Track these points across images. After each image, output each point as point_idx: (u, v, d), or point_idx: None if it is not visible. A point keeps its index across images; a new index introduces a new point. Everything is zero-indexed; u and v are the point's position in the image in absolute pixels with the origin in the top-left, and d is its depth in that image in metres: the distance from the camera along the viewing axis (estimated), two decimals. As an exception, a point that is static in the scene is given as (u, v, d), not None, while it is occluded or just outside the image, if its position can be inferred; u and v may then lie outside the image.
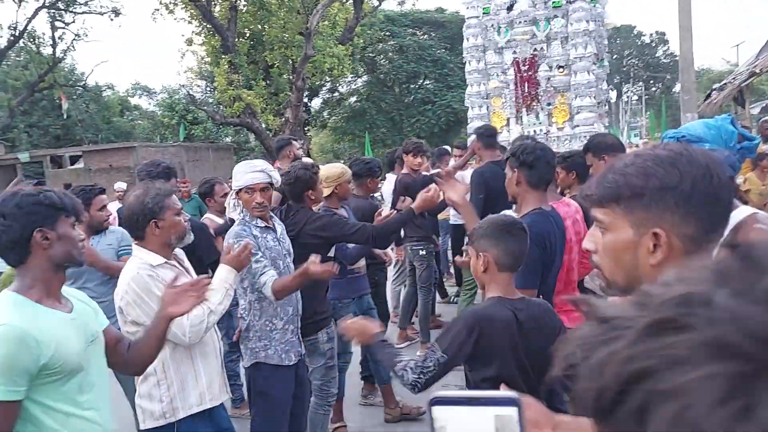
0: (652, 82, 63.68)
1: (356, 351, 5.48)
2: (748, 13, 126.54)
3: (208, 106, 28.81)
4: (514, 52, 12.88)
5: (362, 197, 5.55)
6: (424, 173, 6.32)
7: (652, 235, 1.22)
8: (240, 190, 3.59)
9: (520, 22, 12.81)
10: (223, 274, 3.06)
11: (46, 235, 2.13)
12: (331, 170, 4.82)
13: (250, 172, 3.58)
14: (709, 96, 21.11)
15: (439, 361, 2.33)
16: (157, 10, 23.67)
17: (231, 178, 3.93)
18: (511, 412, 0.86)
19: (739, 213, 2.04)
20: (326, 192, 4.61)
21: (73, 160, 25.61)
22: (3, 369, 1.98)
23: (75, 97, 33.82)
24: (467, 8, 13.40)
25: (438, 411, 0.88)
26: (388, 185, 7.19)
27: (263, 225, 3.64)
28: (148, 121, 39.78)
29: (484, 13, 13.13)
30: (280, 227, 3.80)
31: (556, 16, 12.75)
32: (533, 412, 1.34)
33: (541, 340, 2.36)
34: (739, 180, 8.66)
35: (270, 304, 3.56)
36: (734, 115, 20.67)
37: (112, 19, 28.52)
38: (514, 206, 3.62)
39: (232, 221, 4.16)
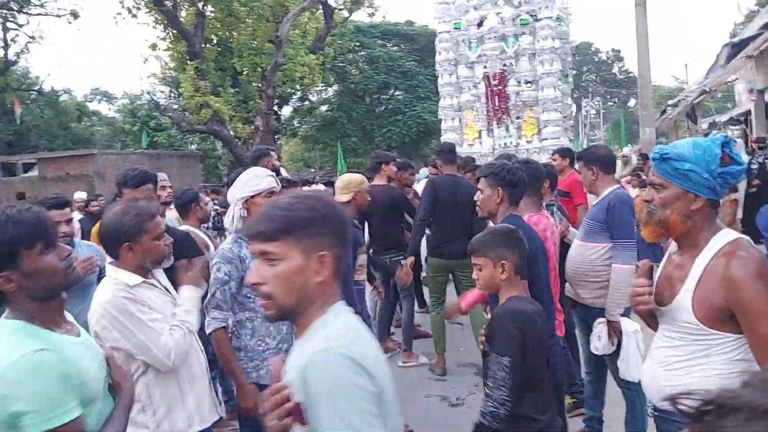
0: (608, 97, 65.26)
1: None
2: (695, 34, 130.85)
3: (173, 113, 28.47)
4: (485, 67, 13.28)
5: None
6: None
7: (318, 258, 1.54)
8: (258, 194, 3.43)
9: (489, 38, 13.21)
10: (190, 293, 2.98)
11: (9, 277, 1.85)
12: (352, 177, 4.99)
13: (267, 176, 3.51)
14: (664, 112, 21.89)
15: (506, 366, 2.45)
16: (120, 14, 23.25)
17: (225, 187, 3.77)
18: None
19: (724, 237, 2.11)
20: (345, 198, 4.78)
21: (27, 167, 24.84)
22: (57, 393, 1.79)
23: (29, 101, 32.88)
24: (439, 23, 13.77)
25: None
26: None
27: None
28: (108, 127, 39.10)
29: (455, 29, 13.50)
30: None
31: (524, 33, 13.19)
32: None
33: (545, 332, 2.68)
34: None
35: (262, 322, 3.40)
36: (687, 130, 21.49)
37: (70, 22, 27.80)
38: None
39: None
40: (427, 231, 6.43)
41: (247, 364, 3.42)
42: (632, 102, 60.53)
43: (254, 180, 3.47)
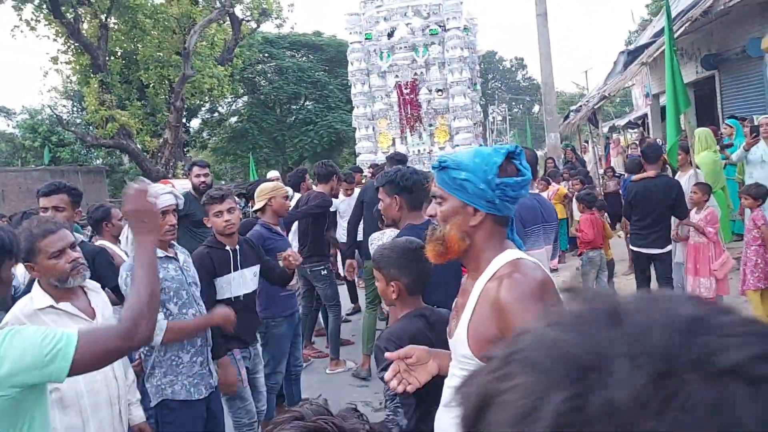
0: (513, 103, 67.46)
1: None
2: (593, 42, 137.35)
3: (77, 127, 27.36)
4: (396, 76, 13.51)
5: None
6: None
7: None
8: None
9: (400, 48, 13.45)
10: None
11: None
12: (264, 185, 4.98)
13: (161, 194, 3.41)
14: (567, 117, 22.80)
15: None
16: (17, 26, 22.24)
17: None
18: None
19: (504, 257, 1.87)
20: (259, 206, 4.78)
21: None
22: None
23: None
24: (350, 33, 13.90)
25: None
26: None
27: (163, 255, 3.46)
28: (7, 144, 37.13)
29: (366, 39, 13.67)
30: (183, 255, 3.65)
31: (433, 43, 13.50)
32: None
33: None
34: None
35: None
36: (589, 134, 22.48)
37: (-36, 35, 26.34)
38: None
39: None
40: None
41: (161, 380, 3.41)
42: (536, 108, 62.82)
43: None
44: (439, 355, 2.10)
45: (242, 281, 4.09)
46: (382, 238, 4.90)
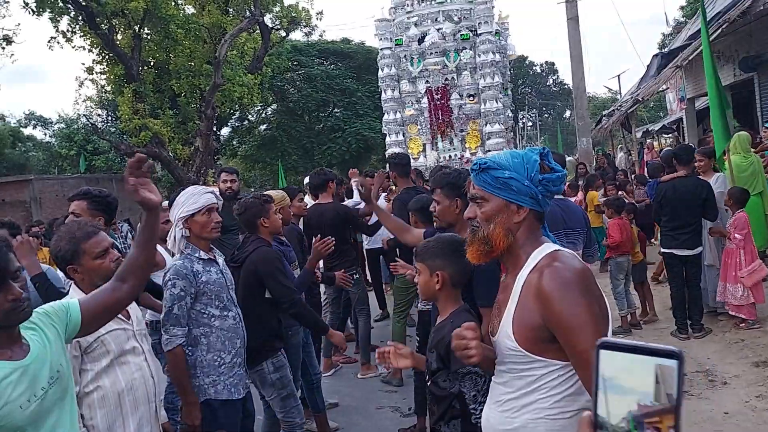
0: (544, 109, 66.89)
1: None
2: (624, 46, 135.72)
3: (111, 136, 27.86)
4: (427, 82, 13.47)
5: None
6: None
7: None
8: (197, 212, 3.49)
9: (431, 54, 13.41)
10: None
11: None
12: (274, 195, 4.92)
13: (204, 193, 3.54)
14: (599, 122, 22.54)
15: (481, 373, 2.44)
16: (54, 38, 22.71)
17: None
18: (672, 364, 0.85)
19: (544, 250, 1.95)
20: None
21: (-39, 196, 23.90)
22: None
23: (-40, 128, 31.84)
24: (380, 40, 13.89)
25: (604, 355, 0.90)
26: None
27: (206, 257, 3.54)
28: (44, 152, 37.94)
29: (396, 45, 13.65)
30: (221, 258, 3.73)
31: (464, 48, 13.43)
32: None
33: None
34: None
35: (218, 338, 3.48)
36: (622, 139, 22.18)
37: (3, 48, 26.92)
38: None
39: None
40: None
41: (204, 380, 3.46)
42: (568, 113, 62.22)
43: (191, 199, 3.51)
44: (416, 357, 2.66)
45: None
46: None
